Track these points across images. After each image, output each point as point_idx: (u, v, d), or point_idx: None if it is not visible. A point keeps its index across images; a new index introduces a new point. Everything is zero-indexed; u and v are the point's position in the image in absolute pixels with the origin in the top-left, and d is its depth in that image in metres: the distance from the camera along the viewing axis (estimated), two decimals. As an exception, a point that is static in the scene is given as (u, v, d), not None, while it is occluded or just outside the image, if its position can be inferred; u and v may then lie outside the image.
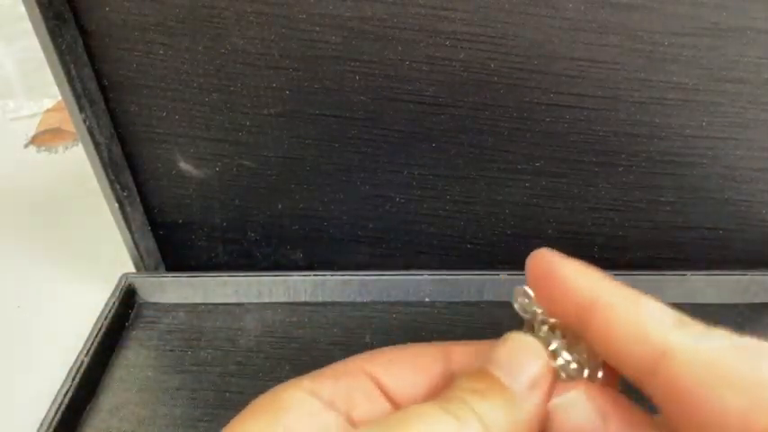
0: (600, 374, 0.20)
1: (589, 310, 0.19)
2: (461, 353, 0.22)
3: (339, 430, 0.19)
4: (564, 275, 0.20)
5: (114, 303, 0.39)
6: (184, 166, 0.39)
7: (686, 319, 0.18)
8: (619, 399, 0.19)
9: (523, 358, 0.20)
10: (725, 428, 0.15)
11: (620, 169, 0.37)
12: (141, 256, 0.41)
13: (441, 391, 0.20)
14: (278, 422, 0.18)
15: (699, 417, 0.16)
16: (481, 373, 0.19)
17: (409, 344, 0.22)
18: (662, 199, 0.38)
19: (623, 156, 0.37)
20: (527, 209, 0.39)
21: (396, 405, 0.21)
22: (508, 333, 0.21)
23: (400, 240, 0.42)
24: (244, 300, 0.41)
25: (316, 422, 0.19)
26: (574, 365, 0.20)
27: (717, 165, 0.37)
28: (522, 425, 0.19)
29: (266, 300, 0.41)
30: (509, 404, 0.19)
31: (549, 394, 0.19)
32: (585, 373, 0.20)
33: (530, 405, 0.19)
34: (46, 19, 0.31)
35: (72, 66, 0.33)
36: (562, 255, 0.20)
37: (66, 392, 0.34)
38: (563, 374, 0.20)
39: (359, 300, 0.41)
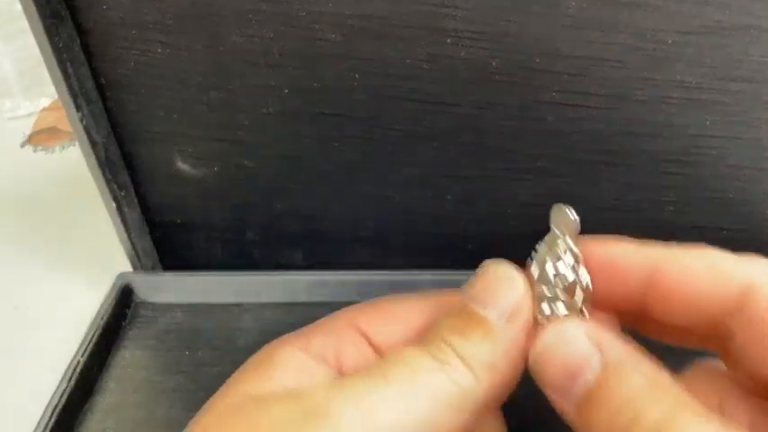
0: (587, 314, 0.20)
1: (654, 273, 0.19)
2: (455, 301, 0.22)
3: (327, 380, 0.19)
4: (619, 257, 0.20)
5: (111, 303, 0.39)
6: (182, 165, 0.38)
7: (754, 257, 0.18)
8: (613, 333, 0.19)
9: (499, 288, 0.20)
10: None
11: (623, 169, 0.37)
12: (138, 257, 0.41)
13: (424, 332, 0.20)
14: (271, 378, 0.19)
15: None
16: (461, 310, 0.20)
17: (401, 296, 0.23)
18: (665, 199, 0.38)
19: (626, 155, 0.36)
20: (529, 209, 0.39)
21: (382, 355, 0.21)
22: (485, 262, 0.21)
23: (400, 240, 0.41)
24: (242, 300, 0.41)
25: (306, 375, 0.19)
26: (561, 298, 0.20)
27: (721, 164, 0.36)
28: (505, 355, 0.19)
29: (265, 300, 0.41)
30: (489, 337, 0.19)
31: (530, 323, 0.20)
32: (571, 307, 0.20)
33: (511, 333, 0.19)
34: (43, 17, 0.31)
35: (69, 64, 0.33)
36: (611, 237, 0.21)
37: (63, 393, 0.33)
38: (546, 309, 0.20)
39: (358, 300, 0.40)
